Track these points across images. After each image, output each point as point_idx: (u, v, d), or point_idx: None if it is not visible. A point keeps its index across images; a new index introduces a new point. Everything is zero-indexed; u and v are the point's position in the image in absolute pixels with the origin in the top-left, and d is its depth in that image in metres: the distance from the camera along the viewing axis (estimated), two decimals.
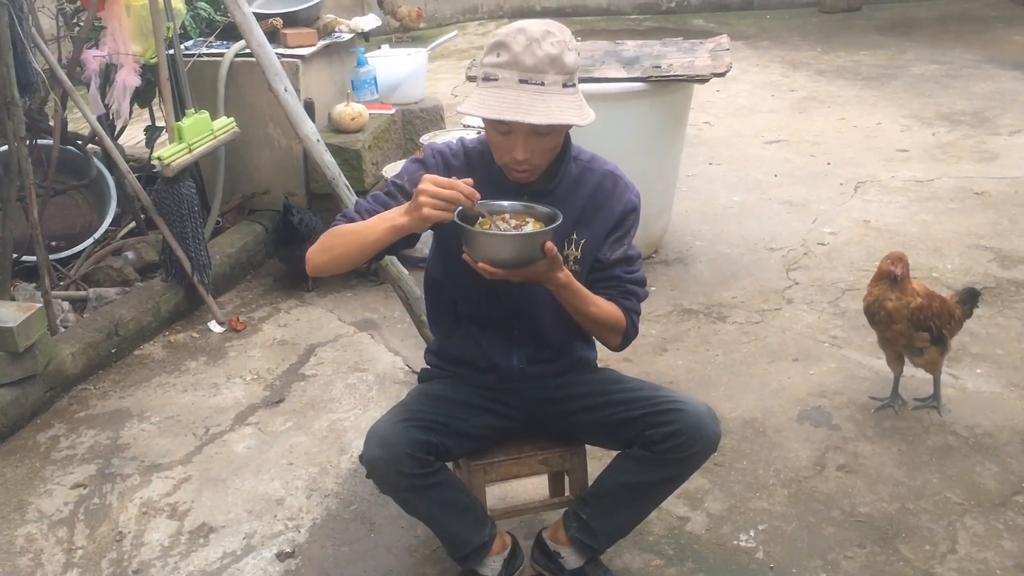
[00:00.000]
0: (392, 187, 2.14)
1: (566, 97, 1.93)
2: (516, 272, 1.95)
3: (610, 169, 2.18)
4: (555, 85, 1.91)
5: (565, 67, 1.92)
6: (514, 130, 1.95)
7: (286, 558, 2.56)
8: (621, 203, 2.15)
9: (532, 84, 1.90)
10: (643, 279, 2.22)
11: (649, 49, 4.25)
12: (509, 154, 2.00)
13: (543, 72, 1.90)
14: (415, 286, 3.40)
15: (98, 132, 3.91)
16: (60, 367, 3.36)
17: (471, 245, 1.94)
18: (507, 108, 1.90)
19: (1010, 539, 2.50)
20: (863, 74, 7.32)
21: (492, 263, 1.92)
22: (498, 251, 1.93)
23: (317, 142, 3.50)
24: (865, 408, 3.11)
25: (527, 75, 1.90)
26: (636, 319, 2.21)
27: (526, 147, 1.97)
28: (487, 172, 2.08)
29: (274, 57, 3.52)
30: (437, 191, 1.90)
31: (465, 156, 2.14)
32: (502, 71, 1.91)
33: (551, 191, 2.10)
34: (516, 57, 1.90)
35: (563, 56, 1.92)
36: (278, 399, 3.34)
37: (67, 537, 2.67)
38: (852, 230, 4.55)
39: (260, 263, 4.45)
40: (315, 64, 4.50)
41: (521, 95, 1.90)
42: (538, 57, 1.89)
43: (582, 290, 2.08)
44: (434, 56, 6.51)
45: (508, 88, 1.91)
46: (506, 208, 2.03)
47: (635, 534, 2.41)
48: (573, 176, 2.14)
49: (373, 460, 2.05)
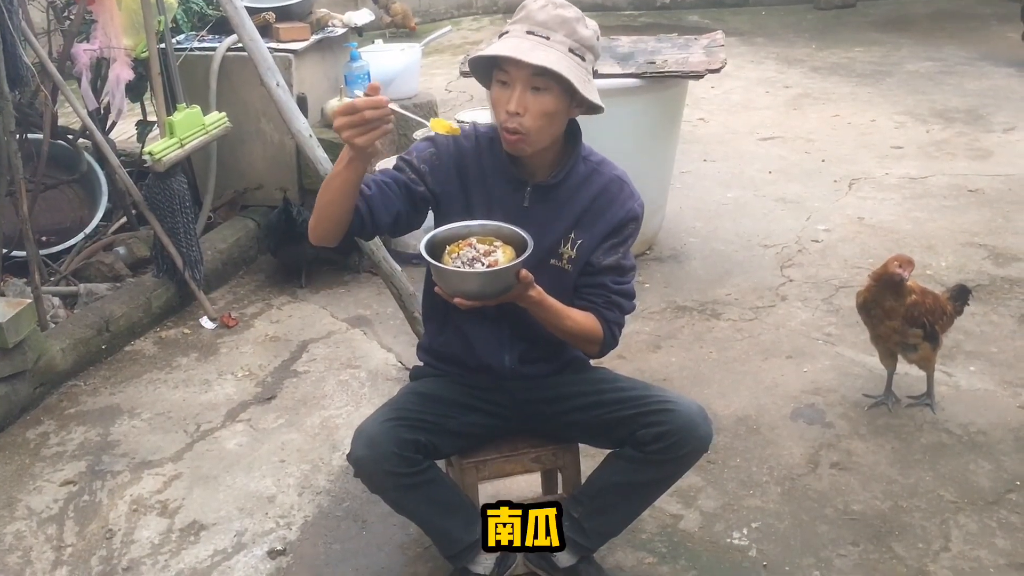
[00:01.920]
0: (400, 161, 2.11)
1: (571, 58, 1.92)
2: (490, 301, 1.94)
3: (618, 175, 2.14)
4: (561, 44, 1.91)
5: (575, 33, 1.93)
6: (512, 80, 1.93)
7: (277, 556, 2.54)
8: (624, 210, 2.11)
9: (537, 36, 1.91)
10: (632, 292, 2.17)
11: (644, 45, 4.24)
12: (504, 107, 1.96)
13: (552, 29, 1.91)
14: (408, 282, 3.39)
15: (88, 127, 3.89)
16: (50, 363, 3.33)
17: (441, 281, 1.93)
18: (506, 49, 1.90)
19: (1003, 537, 2.50)
20: (858, 71, 7.32)
21: (465, 296, 1.91)
22: (469, 286, 1.91)
23: (310, 137, 3.48)
24: (858, 406, 3.11)
25: (534, 27, 1.92)
26: (617, 331, 2.16)
27: (521, 100, 1.93)
28: (495, 159, 2.07)
29: (266, 52, 3.49)
30: (347, 120, 1.78)
31: (476, 139, 2.11)
32: (514, 26, 1.94)
33: (555, 185, 2.08)
34: (530, 14, 1.93)
35: (576, 23, 1.93)
36: (270, 396, 3.32)
37: (56, 535, 2.65)
38: (846, 227, 4.54)
39: (252, 259, 4.43)
40: (308, 59, 4.48)
41: (523, 42, 1.91)
42: (550, 15, 1.91)
43: (556, 306, 2.04)
44: (428, 51, 6.47)
45: (513, 37, 1.93)
46: (474, 231, 2.00)
47: (628, 532, 2.40)
48: (580, 175, 2.11)
49: (360, 459, 2.04)
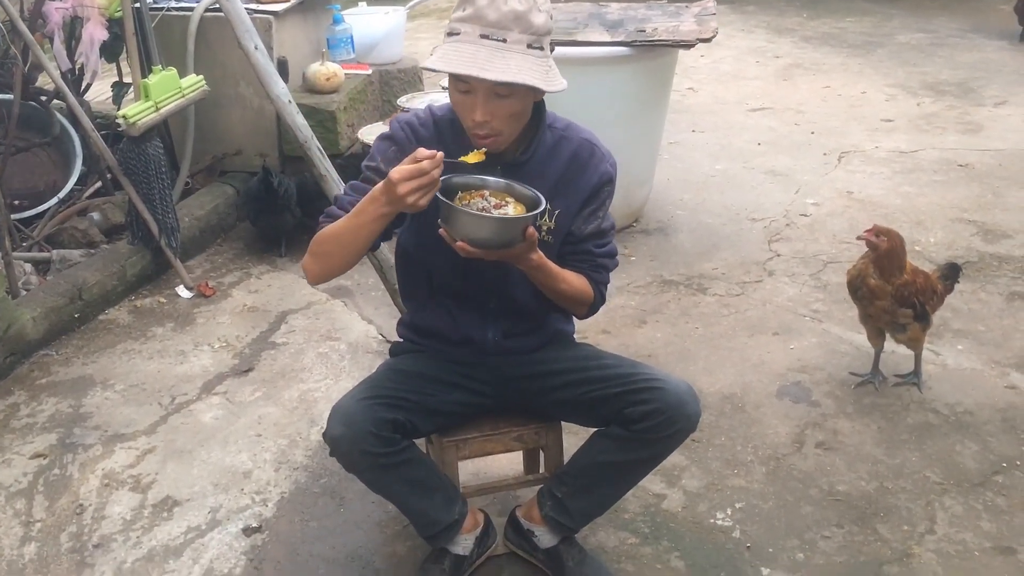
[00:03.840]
0: (367, 171, 2.05)
1: (529, 58, 1.83)
2: (493, 253, 1.88)
3: (586, 137, 2.08)
4: (518, 44, 1.82)
5: (531, 26, 1.82)
6: (474, 88, 1.85)
7: (252, 533, 2.49)
8: (597, 174, 2.06)
9: (493, 40, 1.81)
10: (614, 250, 2.17)
11: (634, 12, 4.14)
12: (470, 115, 1.90)
13: (506, 29, 1.81)
14: (389, 254, 3.31)
15: (61, 88, 3.77)
16: (21, 332, 3.25)
17: (452, 222, 1.86)
18: (464, 62, 1.80)
19: (989, 520, 2.48)
20: (848, 41, 7.24)
21: (472, 243, 1.84)
22: (480, 231, 1.85)
23: (289, 103, 3.39)
24: (845, 384, 3.07)
25: (489, 30, 1.80)
26: (604, 290, 2.17)
27: (485, 108, 1.87)
28: (457, 141, 1.98)
29: (244, 13, 3.38)
30: (418, 183, 1.78)
31: (435, 125, 2.05)
32: (464, 25, 1.82)
33: (525, 162, 2.01)
34: (479, 11, 1.81)
35: (530, 14, 1.82)
36: (247, 368, 3.25)
37: (25, 509, 2.59)
38: (835, 201, 4.49)
39: (231, 226, 4.33)
40: (289, 21, 4.36)
41: (480, 50, 1.80)
42: (502, 12, 1.80)
43: (554, 269, 2.02)
44: (413, 15, 6.36)
45: (468, 43, 1.81)
46: (489, 184, 1.95)
47: (610, 512, 2.36)
48: (548, 146, 2.04)
49: (335, 438, 1.98)
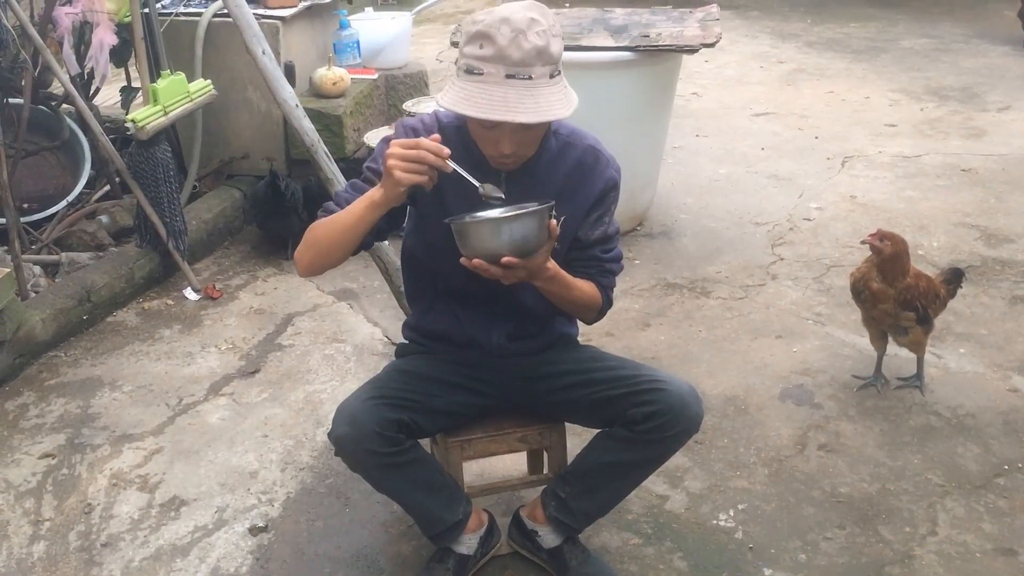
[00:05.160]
0: (368, 172, 2.07)
1: (553, 89, 1.85)
2: (513, 274, 1.88)
3: (590, 144, 2.11)
4: (542, 78, 1.83)
5: (552, 57, 1.84)
6: (500, 125, 1.86)
7: (259, 532, 2.51)
8: (602, 180, 2.09)
9: (519, 79, 1.81)
10: (620, 255, 2.19)
11: (638, 17, 4.17)
12: (495, 147, 1.93)
13: (530, 66, 1.81)
14: (395, 256, 3.34)
15: (70, 92, 3.80)
16: (30, 333, 3.28)
17: (468, 239, 1.86)
18: (495, 107, 1.81)
19: (990, 522, 2.49)
20: (853, 47, 7.25)
21: (492, 256, 1.84)
22: (496, 237, 1.83)
23: (296, 107, 3.41)
24: (848, 387, 3.09)
25: (514, 69, 1.81)
26: (611, 293, 2.20)
27: (512, 141, 1.90)
28: (463, 148, 1.99)
29: (251, 18, 3.41)
30: (404, 153, 1.84)
31: (441, 131, 2.05)
32: (487, 65, 1.82)
33: (530, 169, 2.03)
34: (502, 51, 1.80)
35: (550, 47, 1.83)
36: (254, 369, 3.28)
37: (34, 508, 2.61)
38: (838, 205, 4.51)
39: (238, 229, 4.36)
40: (296, 26, 4.39)
41: (509, 92, 1.81)
42: (525, 51, 1.80)
43: (568, 278, 2.04)
44: (419, 20, 6.39)
45: (495, 84, 1.81)
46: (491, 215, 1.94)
47: (613, 512, 2.38)
48: (553, 152, 2.06)
49: (340, 438, 2.00)
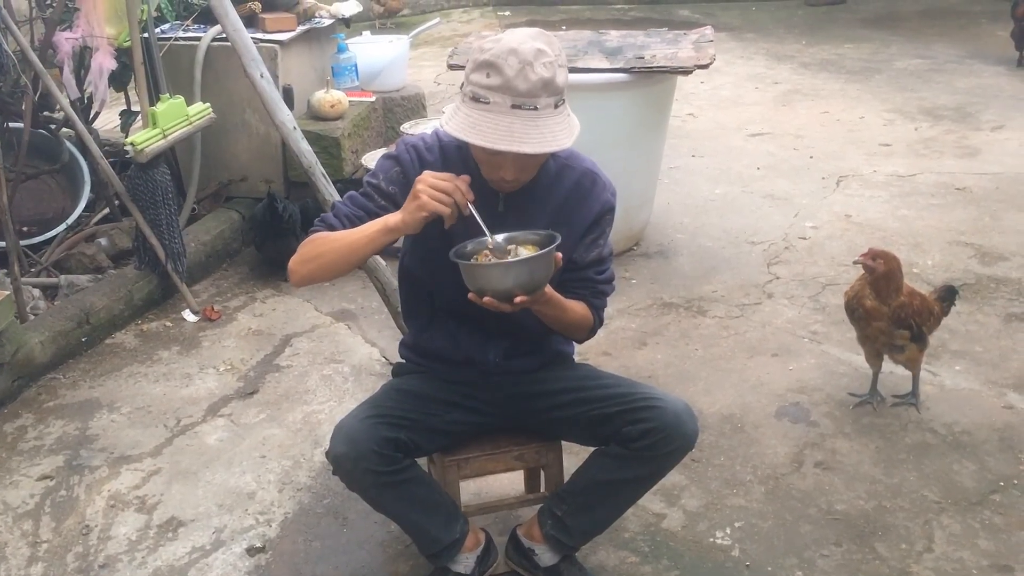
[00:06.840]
0: (368, 187, 2.09)
1: (558, 119, 1.89)
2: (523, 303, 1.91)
3: (588, 167, 2.13)
4: (547, 108, 1.87)
5: (557, 88, 1.87)
6: (504, 152, 1.88)
7: (256, 553, 2.52)
8: (599, 203, 2.11)
9: (525, 109, 1.84)
10: (612, 276, 2.22)
11: (633, 39, 4.21)
12: (497, 172, 1.96)
13: (536, 96, 1.84)
14: (392, 276, 3.35)
15: (70, 116, 3.84)
16: (29, 355, 3.29)
17: (476, 279, 1.91)
18: (501, 138, 1.84)
19: (987, 538, 2.50)
20: (847, 67, 7.31)
21: (501, 295, 1.88)
22: (504, 281, 1.88)
23: (294, 129, 3.44)
24: (844, 404, 3.10)
25: (520, 100, 1.84)
26: (603, 314, 2.23)
27: (515, 167, 1.94)
28: (463, 168, 2.02)
29: (250, 42, 3.45)
30: (436, 182, 1.90)
31: (440, 151, 2.09)
32: (493, 95, 1.84)
33: (529, 190, 2.06)
34: (509, 82, 1.83)
35: (555, 78, 1.86)
36: (252, 390, 3.29)
37: (32, 530, 2.62)
38: (833, 224, 4.53)
39: (236, 251, 4.38)
40: (294, 50, 4.44)
41: (514, 122, 1.84)
42: (531, 82, 1.83)
43: (562, 301, 2.07)
44: (416, 43, 6.45)
45: (500, 114, 1.84)
46: (499, 242, 1.98)
47: (610, 531, 2.38)
48: (551, 174, 2.09)
49: (338, 457, 2.02)
